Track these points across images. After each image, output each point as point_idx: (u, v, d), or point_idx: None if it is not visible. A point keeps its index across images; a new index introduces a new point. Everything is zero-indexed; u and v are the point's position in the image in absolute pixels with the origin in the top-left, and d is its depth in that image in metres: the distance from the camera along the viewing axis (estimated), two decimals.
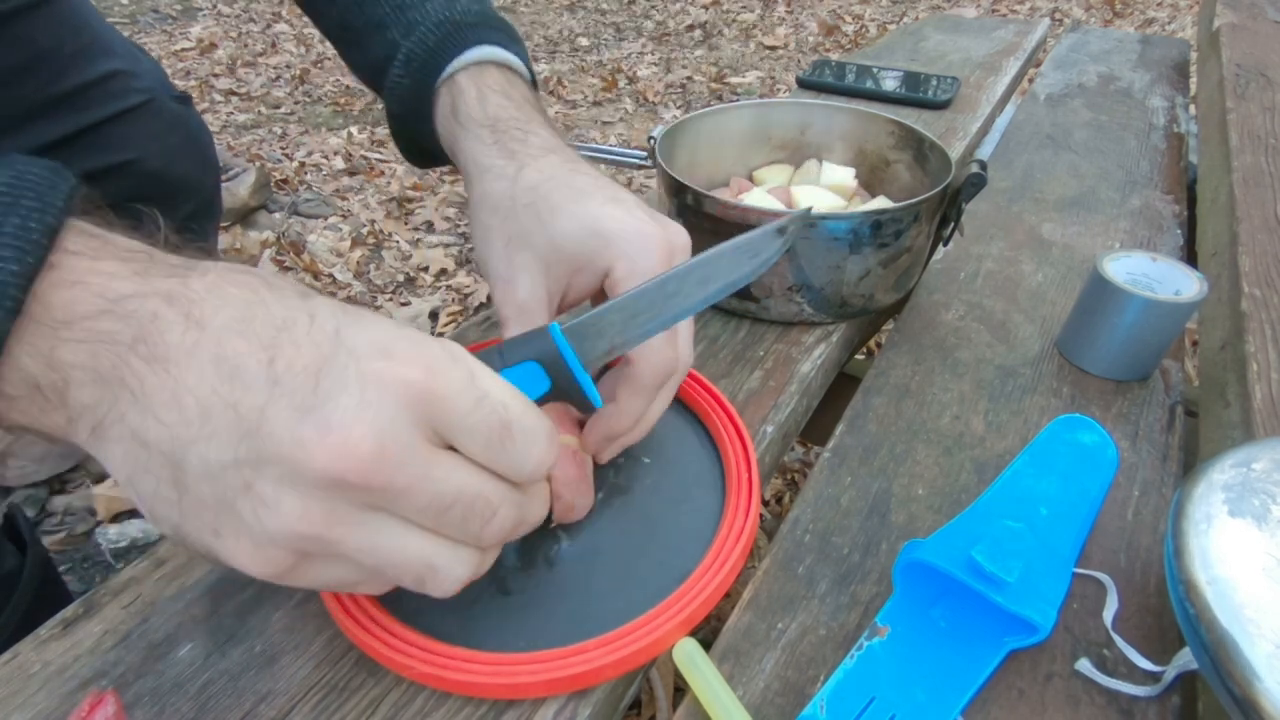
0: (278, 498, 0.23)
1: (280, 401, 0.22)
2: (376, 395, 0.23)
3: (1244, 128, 0.72)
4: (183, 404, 0.22)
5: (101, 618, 0.35)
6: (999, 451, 0.45)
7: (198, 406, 0.22)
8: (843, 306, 0.54)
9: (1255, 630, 0.27)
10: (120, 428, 0.23)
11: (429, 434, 0.24)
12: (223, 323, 0.23)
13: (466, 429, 0.24)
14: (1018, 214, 0.71)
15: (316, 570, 0.25)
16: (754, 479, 0.39)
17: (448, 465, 0.24)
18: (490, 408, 0.25)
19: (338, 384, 0.23)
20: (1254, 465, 0.33)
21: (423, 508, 0.24)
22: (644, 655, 0.32)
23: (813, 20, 3.59)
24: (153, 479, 0.23)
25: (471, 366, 0.25)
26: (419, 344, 0.24)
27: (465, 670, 0.31)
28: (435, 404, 0.24)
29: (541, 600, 0.35)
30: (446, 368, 0.24)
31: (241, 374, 0.22)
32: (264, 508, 0.23)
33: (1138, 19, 3.38)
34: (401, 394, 0.23)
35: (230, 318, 0.23)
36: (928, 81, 0.98)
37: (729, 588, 0.36)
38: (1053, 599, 0.33)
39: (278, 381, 0.22)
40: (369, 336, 0.24)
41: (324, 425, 0.22)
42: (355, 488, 0.23)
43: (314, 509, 0.23)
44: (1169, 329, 0.48)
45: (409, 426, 0.23)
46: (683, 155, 0.63)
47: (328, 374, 0.23)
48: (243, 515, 0.23)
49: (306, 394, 0.22)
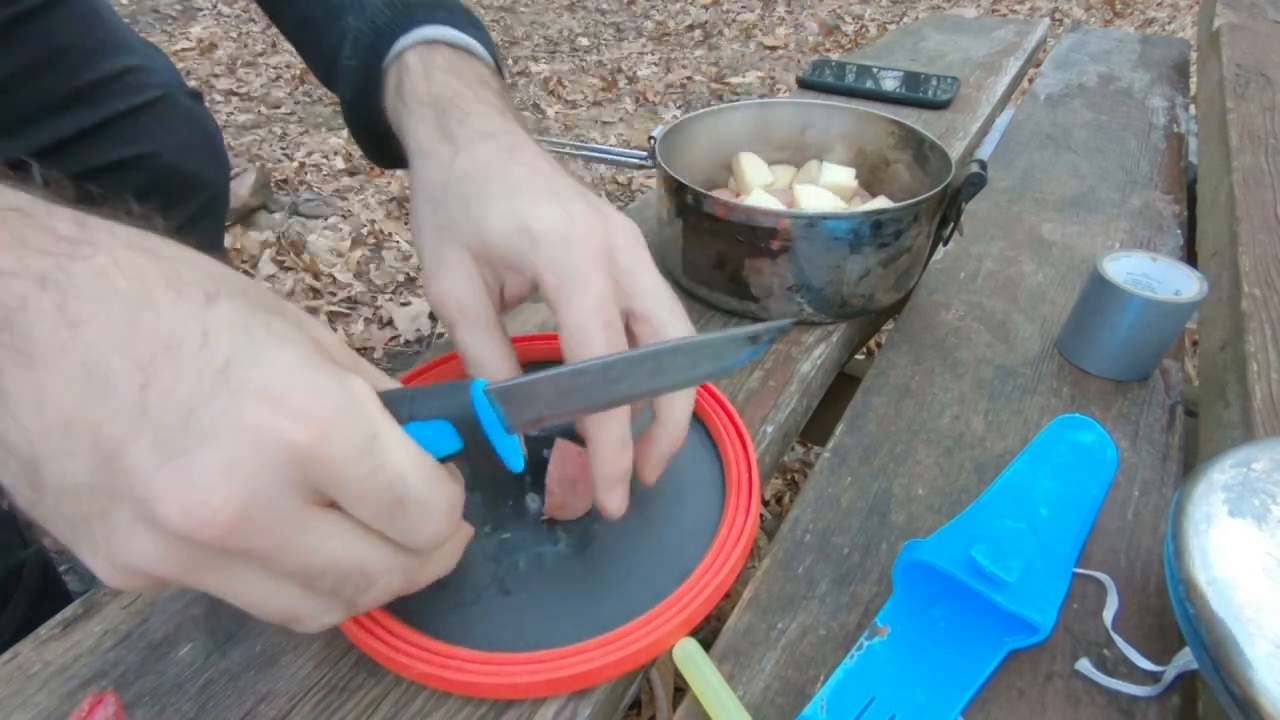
0: (131, 535, 0.21)
1: (143, 437, 0.20)
2: (250, 454, 0.20)
3: (1244, 128, 0.72)
4: (44, 412, 0.20)
5: (101, 618, 0.35)
6: (999, 451, 0.45)
7: (59, 419, 0.20)
8: (843, 306, 0.54)
9: (1255, 630, 0.27)
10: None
11: (308, 494, 0.22)
12: (99, 329, 0.20)
13: (354, 497, 0.23)
14: (1018, 214, 0.71)
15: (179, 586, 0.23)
16: (754, 479, 0.39)
17: (322, 532, 0.23)
18: (384, 480, 0.23)
19: (209, 431, 0.20)
20: (1254, 465, 0.33)
21: (290, 571, 0.23)
22: (644, 655, 0.32)
23: (813, 20, 3.59)
24: (10, 475, 0.22)
25: (372, 427, 0.23)
26: (319, 392, 0.22)
27: (465, 670, 0.31)
28: (320, 467, 0.22)
29: (541, 600, 0.35)
30: (341, 430, 0.22)
31: (109, 395, 0.20)
32: (118, 540, 0.21)
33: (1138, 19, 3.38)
34: (279, 455, 0.21)
35: (109, 323, 0.21)
36: (928, 81, 0.98)
37: (729, 588, 0.36)
38: (1053, 599, 0.33)
39: (145, 412, 0.20)
40: (263, 377, 0.21)
41: (183, 478, 0.20)
42: (211, 547, 0.21)
43: (169, 554, 0.21)
44: (1169, 329, 0.48)
45: (283, 489, 0.21)
46: (683, 155, 0.63)
47: (201, 415, 0.20)
48: (97, 539, 0.22)
49: (174, 433, 0.20)
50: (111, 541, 0.21)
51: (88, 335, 0.20)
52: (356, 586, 0.24)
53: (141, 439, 0.20)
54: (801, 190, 0.60)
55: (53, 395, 0.20)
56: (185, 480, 0.20)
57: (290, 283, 1.71)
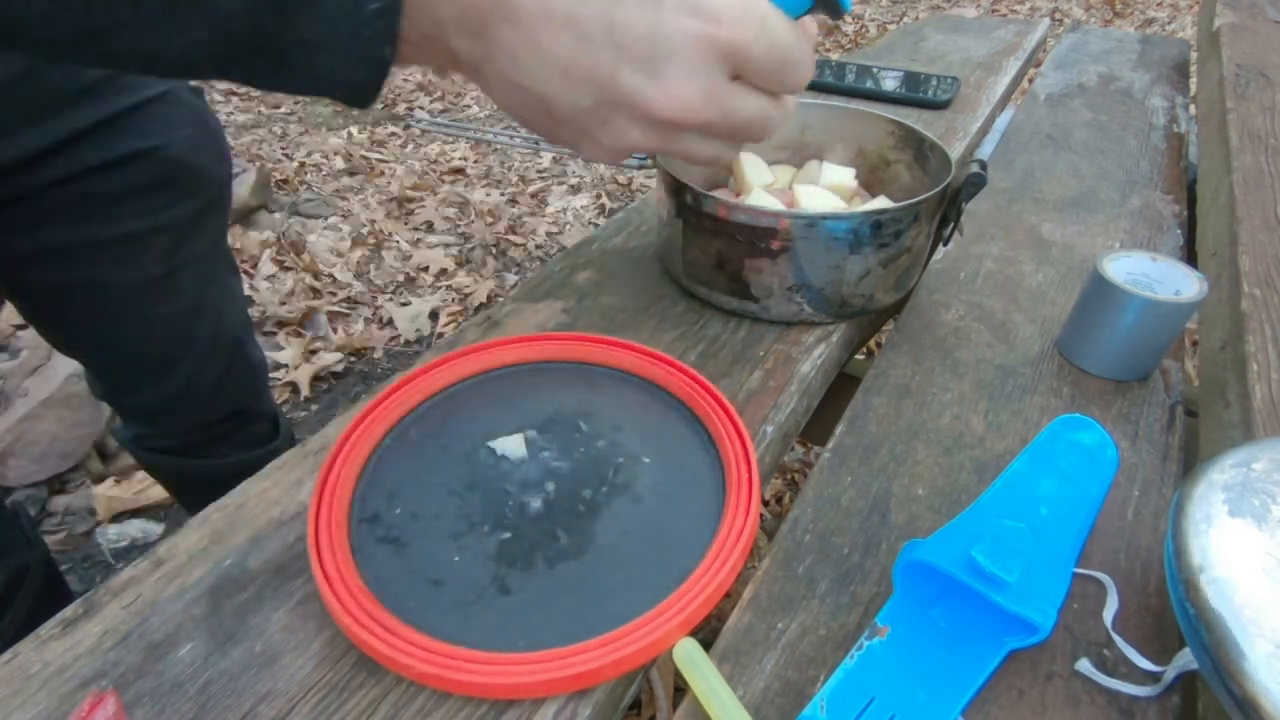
0: (627, 130, 0.31)
1: (626, 66, 0.29)
2: (699, 58, 0.29)
3: (1244, 128, 0.72)
4: (547, 62, 0.28)
5: (101, 617, 0.35)
6: (999, 451, 0.45)
7: (559, 66, 0.28)
8: (843, 306, 0.54)
9: (1255, 630, 0.27)
10: (496, 73, 0.29)
11: (730, 73, 0.30)
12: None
13: (757, 70, 0.31)
14: (1018, 214, 0.71)
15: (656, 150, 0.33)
16: (754, 479, 0.39)
17: (741, 96, 0.31)
18: (776, 52, 0.30)
19: (666, 49, 0.29)
20: (1254, 465, 0.33)
21: (726, 131, 0.32)
22: (644, 655, 0.32)
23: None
24: (529, 110, 0.31)
25: (763, 16, 0.30)
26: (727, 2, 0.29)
27: (466, 670, 0.31)
28: (737, 55, 0.30)
29: (541, 600, 0.35)
30: (749, 25, 0.29)
31: (590, 40, 0.28)
32: (617, 135, 0.31)
33: (1138, 19, 3.38)
34: (713, 52, 0.29)
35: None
36: (928, 81, 0.98)
37: (729, 588, 0.36)
38: (1053, 599, 0.33)
39: (620, 48, 0.28)
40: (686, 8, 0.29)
41: (664, 87, 0.29)
42: (682, 125, 0.31)
43: (652, 136, 0.31)
44: (1169, 329, 0.48)
45: (719, 76, 0.30)
46: None
47: (659, 40, 0.28)
48: (600, 138, 0.31)
49: (645, 59, 0.29)
50: (614, 136, 0.31)
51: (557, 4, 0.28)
52: (762, 127, 0.33)
53: (625, 67, 0.29)
54: (802, 190, 0.60)
55: (549, 49, 0.28)
56: (665, 87, 0.29)
57: (290, 282, 1.71)
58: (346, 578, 0.34)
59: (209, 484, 0.52)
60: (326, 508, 0.38)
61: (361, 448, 0.42)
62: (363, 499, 0.40)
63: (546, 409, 0.46)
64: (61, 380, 1.19)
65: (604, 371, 0.49)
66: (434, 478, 0.41)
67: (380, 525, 0.39)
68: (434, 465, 0.42)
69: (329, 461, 0.40)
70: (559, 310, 0.57)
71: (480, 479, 0.41)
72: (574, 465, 0.42)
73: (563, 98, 0.30)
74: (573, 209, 2.14)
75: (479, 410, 0.46)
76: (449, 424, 0.45)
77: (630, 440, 0.44)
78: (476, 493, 0.40)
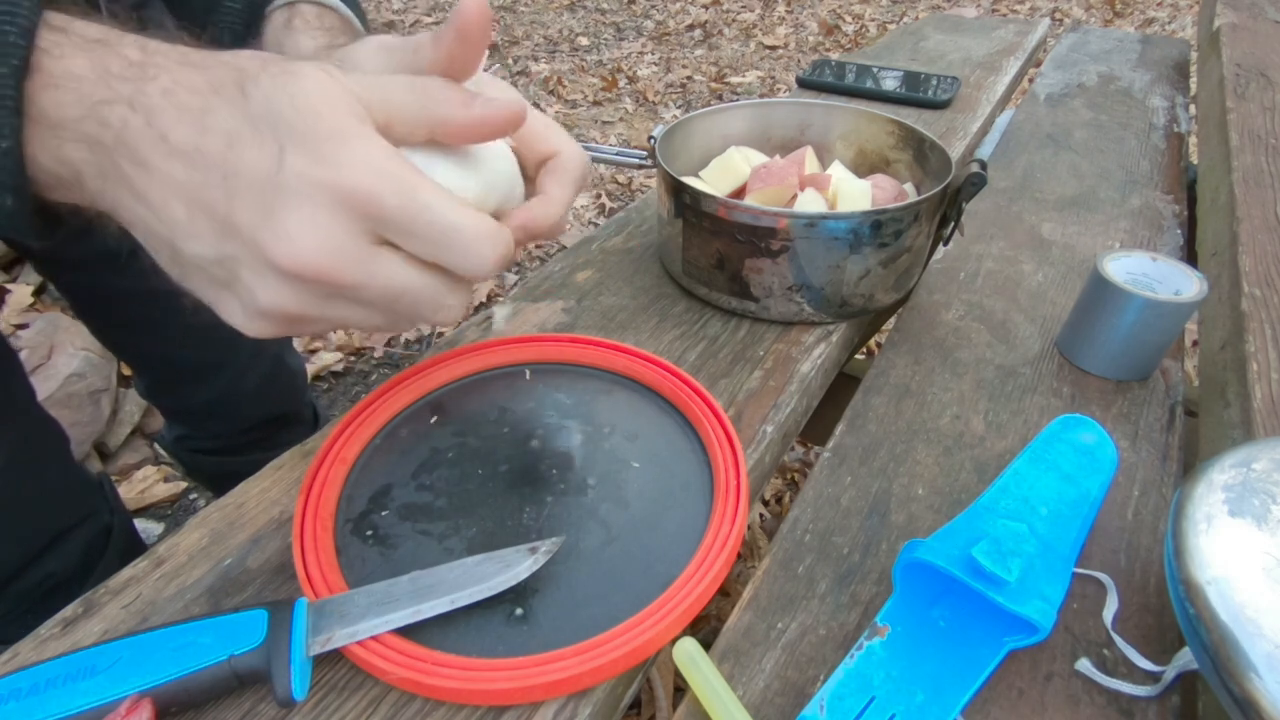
0: (257, 284, 0.27)
1: (242, 213, 0.26)
2: (320, 207, 0.26)
3: (1244, 128, 0.71)
4: (170, 207, 0.27)
5: (102, 617, 0.35)
6: (999, 451, 0.45)
7: (182, 209, 0.27)
8: (843, 306, 0.54)
9: (1255, 630, 0.27)
10: (131, 214, 0.28)
11: (369, 232, 0.27)
12: (181, 136, 0.26)
13: (401, 234, 0.28)
14: (1018, 214, 0.71)
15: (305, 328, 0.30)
16: (741, 486, 0.39)
17: (390, 263, 0.28)
18: (423, 217, 0.27)
19: (285, 192, 0.26)
20: (1254, 465, 0.33)
21: (375, 301, 0.29)
22: (624, 663, 0.32)
23: (813, 20, 3.59)
24: (161, 255, 0.29)
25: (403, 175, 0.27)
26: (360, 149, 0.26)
27: (442, 675, 0.31)
28: (368, 209, 0.27)
29: (528, 604, 0.35)
30: (375, 175, 0.26)
31: (206, 177, 0.26)
32: (248, 292, 0.28)
33: (1138, 19, 3.38)
34: (336, 201, 0.26)
35: (188, 132, 0.26)
36: (928, 81, 0.98)
37: (711, 596, 0.35)
38: (1053, 599, 0.33)
39: (235, 194, 0.26)
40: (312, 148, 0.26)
41: (280, 232, 0.26)
42: (316, 282, 0.27)
43: (287, 294, 0.27)
44: (1169, 329, 0.48)
45: (353, 232, 0.27)
46: (683, 155, 0.63)
47: (277, 182, 0.26)
48: (234, 293, 0.28)
49: (262, 202, 0.26)
50: (245, 293, 0.28)
51: (175, 142, 0.26)
52: (432, 307, 0.30)
53: (241, 214, 0.26)
54: (836, 171, 0.60)
55: (171, 191, 0.26)
56: (284, 233, 0.26)
57: None
58: (330, 580, 0.34)
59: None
60: (312, 509, 0.37)
61: (351, 448, 0.42)
62: (350, 500, 0.40)
63: (538, 412, 0.46)
64: (61, 380, 1.19)
65: (597, 374, 0.49)
66: (423, 479, 0.41)
67: (367, 526, 0.39)
68: (423, 467, 0.42)
69: (316, 462, 0.40)
70: (559, 310, 0.57)
71: (469, 481, 0.41)
72: (564, 469, 0.42)
73: (187, 243, 0.27)
74: (573, 209, 2.14)
75: (470, 412, 0.46)
76: (439, 426, 0.45)
77: (621, 445, 0.44)
78: (464, 495, 0.40)
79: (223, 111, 0.27)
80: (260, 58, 0.28)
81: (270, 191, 0.26)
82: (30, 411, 0.60)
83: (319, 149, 0.26)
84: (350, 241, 0.27)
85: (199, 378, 0.77)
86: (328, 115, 0.26)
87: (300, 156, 0.26)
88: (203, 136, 0.26)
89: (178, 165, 0.26)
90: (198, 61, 0.28)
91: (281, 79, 0.27)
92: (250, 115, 0.26)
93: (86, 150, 0.26)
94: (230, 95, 0.27)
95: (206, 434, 0.85)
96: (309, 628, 0.31)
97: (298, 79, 0.27)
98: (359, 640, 0.31)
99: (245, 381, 0.80)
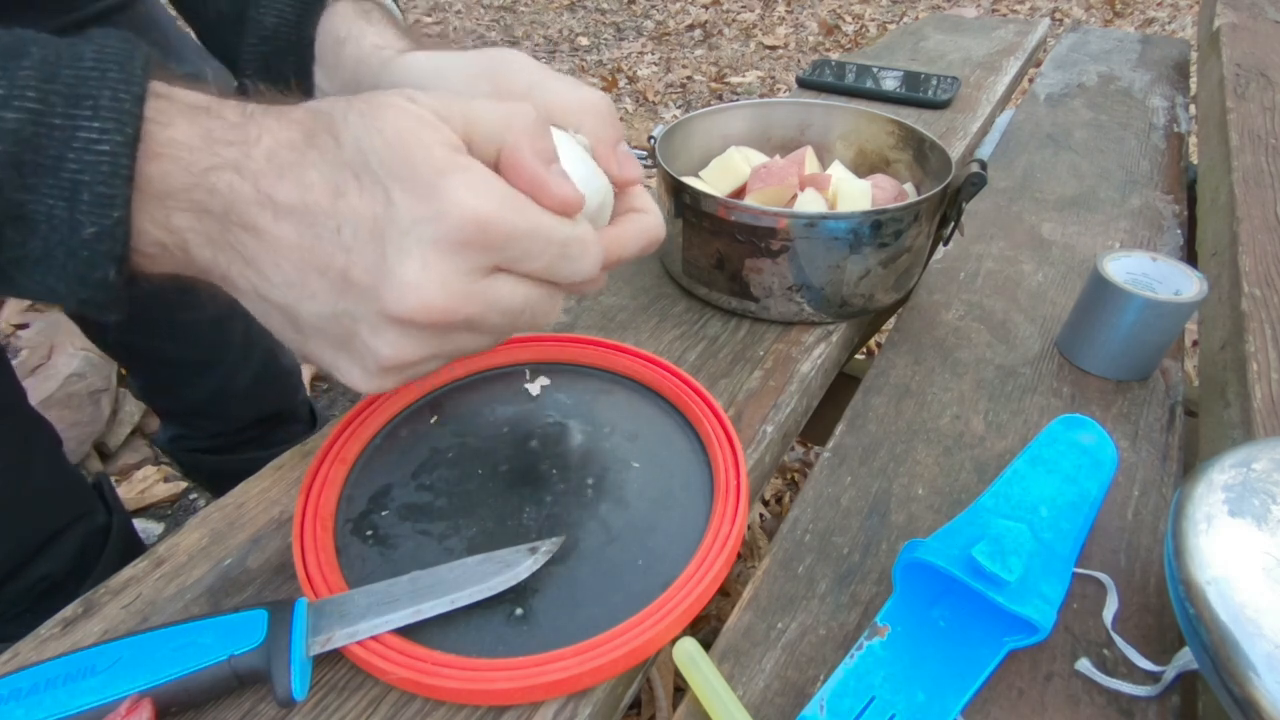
0: (376, 338, 0.27)
1: (357, 266, 0.26)
2: (435, 247, 0.25)
3: (1244, 128, 0.71)
4: (283, 269, 0.27)
5: (102, 617, 0.35)
6: (999, 451, 0.45)
7: (295, 271, 0.26)
8: (843, 306, 0.54)
9: (1255, 630, 0.27)
10: (243, 281, 0.28)
11: (486, 262, 0.27)
12: (288, 195, 0.26)
13: (516, 258, 0.27)
14: (1018, 214, 0.71)
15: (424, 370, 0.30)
16: (741, 486, 0.39)
17: (504, 286, 0.28)
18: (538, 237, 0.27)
19: (399, 247, 0.25)
20: (1254, 465, 0.33)
21: (494, 326, 0.29)
22: (625, 662, 0.32)
23: (813, 20, 3.59)
24: (276, 322, 0.29)
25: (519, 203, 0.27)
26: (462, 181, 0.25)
27: (442, 676, 0.31)
28: (483, 240, 0.26)
29: (528, 604, 0.35)
30: (493, 209, 0.26)
31: (320, 244, 0.26)
32: (367, 350, 0.28)
33: (1138, 19, 3.38)
34: (452, 238, 0.25)
35: (292, 190, 0.26)
36: (928, 81, 0.98)
37: (711, 596, 0.35)
38: (1053, 599, 0.33)
39: (349, 249, 0.26)
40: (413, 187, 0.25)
41: (399, 284, 0.25)
42: (435, 325, 0.27)
43: (407, 344, 0.27)
44: (1169, 329, 0.48)
45: (467, 270, 0.26)
46: (682, 155, 0.63)
47: (390, 239, 0.25)
48: (354, 353, 0.28)
49: (376, 258, 0.26)
50: (365, 350, 0.28)
51: (282, 202, 0.26)
52: (547, 313, 0.30)
53: (357, 268, 0.26)
54: (836, 170, 0.60)
55: (283, 254, 0.26)
56: (403, 282, 0.25)
57: None
58: (330, 580, 0.34)
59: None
60: (312, 509, 0.38)
61: (351, 448, 0.42)
62: (350, 499, 0.40)
63: (538, 411, 0.46)
64: (61, 380, 1.19)
65: (597, 374, 0.49)
66: (423, 479, 0.41)
67: (367, 526, 0.39)
68: (423, 466, 0.42)
69: (316, 462, 0.40)
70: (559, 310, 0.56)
71: (469, 481, 0.41)
72: (564, 469, 0.42)
73: (302, 305, 0.27)
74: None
75: (470, 412, 0.46)
76: (439, 426, 0.45)
77: (621, 445, 0.44)
78: (465, 495, 0.40)
79: (322, 164, 0.26)
80: (344, 100, 0.27)
81: (383, 238, 0.26)
82: (19, 411, 0.60)
83: (421, 187, 0.25)
84: (469, 276, 0.26)
85: (191, 376, 0.77)
86: (421, 149, 0.25)
87: (406, 197, 0.25)
88: (308, 193, 0.26)
89: (287, 226, 0.26)
90: (295, 117, 0.27)
91: (369, 118, 0.26)
92: (348, 163, 0.26)
93: (194, 219, 0.26)
94: (324, 144, 0.26)
95: (201, 433, 0.85)
96: (309, 628, 0.31)
97: (383, 114, 0.26)
98: (359, 640, 0.31)
99: (238, 380, 0.80)
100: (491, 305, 0.27)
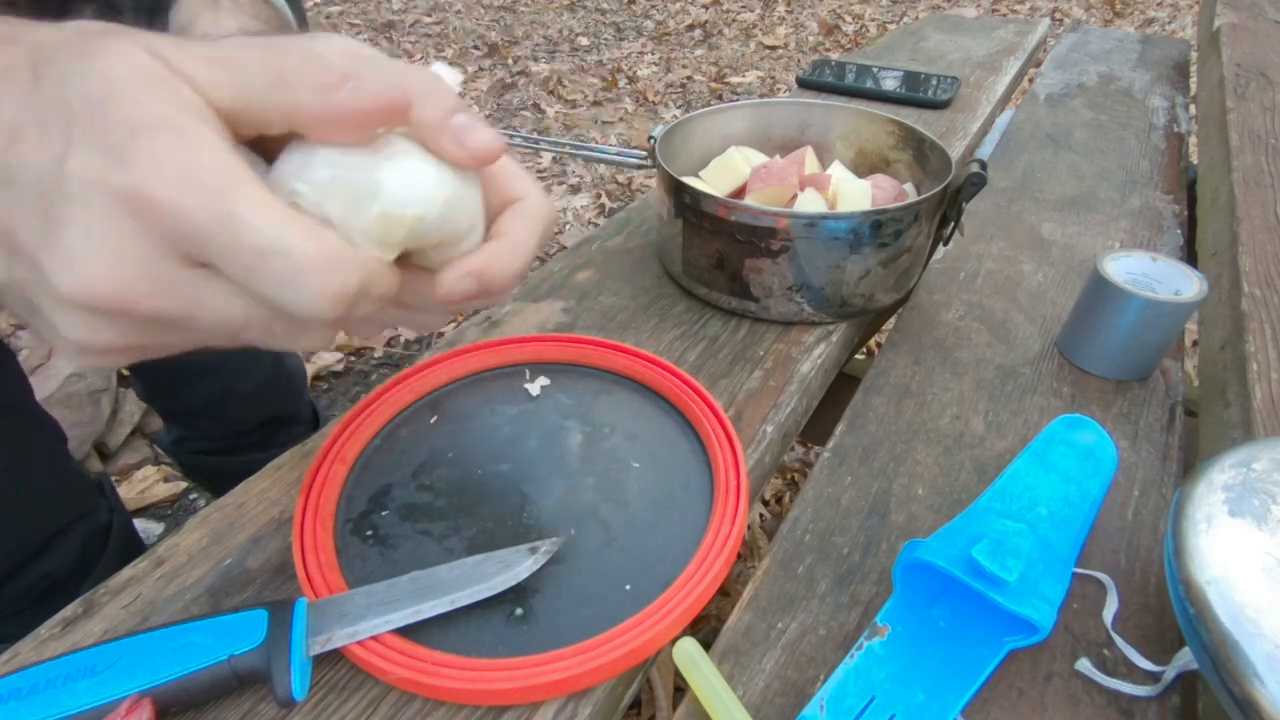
0: (60, 322, 0.22)
1: (23, 228, 0.21)
2: (106, 217, 0.20)
3: (1244, 128, 0.71)
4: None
5: (102, 617, 0.35)
6: (999, 451, 0.45)
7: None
8: (843, 306, 0.54)
9: (1255, 630, 0.27)
10: None
11: (175, 250, 0.21)
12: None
13: (214, 256, 0.21)
14: (1018, 214, 0.71)
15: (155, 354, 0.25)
16: (741, 486, 0.39)
17: (221, 293, 0.22)
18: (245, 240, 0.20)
19: (64, 201, 0.20)
20: (1254, 465, 0.33)
21: (211, 331, 0.23)
22: (625, 662, 0.32)
23: (813, 20, 3.59)
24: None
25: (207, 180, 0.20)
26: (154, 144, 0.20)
27: (443, 676, 0.31)
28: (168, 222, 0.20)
29: (528, 604, 0.35)
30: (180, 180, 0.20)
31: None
32: (50, 326, 0.22)
33: (1138, 19, 3.38)
34: (127, 210, 0.20)
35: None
36: (928, 81, 0.98)
37: (711, 596, 0.35)
38: (1053, 599, 0.33)
39: (16, 204, 0.21)
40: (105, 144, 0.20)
41: (62, 257, 0.20)
42: (118, 314, 0.21)
43: (92, 327, 0.22)
44: (1169, 329, 0.48)
45: (149, 255, 0.21)
46: (682, 155, 0.63)
47: (56, 187, 0.20)
48: (45, 328, 0.23)
49: (42, 214, 0.20)
50: (48, 327, 0.22)
51: None
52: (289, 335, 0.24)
53: (22, 219, 0.21)
54: (836, 170, 0.60)
55: None
56: (66, 261, 0.20)
57: None
58: (330, 580, 0.34)
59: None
60: (312, 509, 0.37)
61: (351, 448, 0.42)
62: (350, 499, 0.40)
63: (538, 412, 0.46)
64: (61, 380, 1.19)
65: (597, 374, 0.49)
66: (423, 479, 0.41)
67: (367, 526, 0.39)
68: (423, 467, 0.42)
69: (316, 462, 0.40)
70: (559, 310, 0.57)
71: (469, 481, 0.41)
72: (564, 469, 0.42)
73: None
74: (573, 209, 2.14)
75: (470, 412, 0.46)
76: (439, 426, 0.45)
77: (621, 445, 0.44)
78: (465, 495, 0.40)
79: (7, 101, 0.21)
80: (70, 28, 0.22)
81: (48, 199, 0.20)
82: (25, 409, 0.60)
83: (114, 145, 0.20)
84: (151, 264, 0.21)
85: (195, 379, 0.77)
86: (134, 101, 0.20)
87: (88, 155, 0.20)
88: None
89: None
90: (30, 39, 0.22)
91: (84, 57, 0.21)
92: (38, 104, 0.21)
93: None
94: (20, 80, 0.21)
95: (205, 435, 0.85)
96: (309, 628, 0.31)
97: (104, 56, 0.21)
98: (359, 640, 0.31)
99: (243, 383, 0.80)
100: (200, 305, 0.22)
